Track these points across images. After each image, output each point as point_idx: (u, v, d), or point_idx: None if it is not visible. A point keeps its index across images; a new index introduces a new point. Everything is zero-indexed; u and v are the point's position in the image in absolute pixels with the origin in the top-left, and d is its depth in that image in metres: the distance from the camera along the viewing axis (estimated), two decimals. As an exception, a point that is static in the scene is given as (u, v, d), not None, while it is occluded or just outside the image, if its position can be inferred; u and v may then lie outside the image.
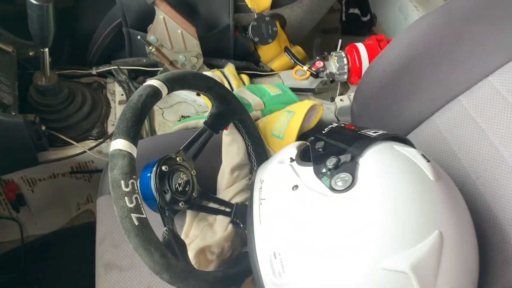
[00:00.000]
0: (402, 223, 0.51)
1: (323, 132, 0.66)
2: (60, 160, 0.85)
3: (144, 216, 0.55)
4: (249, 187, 0.70)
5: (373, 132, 0.62)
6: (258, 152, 0.81)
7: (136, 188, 0.56)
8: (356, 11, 1.55)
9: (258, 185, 0.64)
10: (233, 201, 0.77)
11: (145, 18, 0.92)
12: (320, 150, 0.60)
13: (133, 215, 0.54)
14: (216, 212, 0.74)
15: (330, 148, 0.59)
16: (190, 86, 0.69)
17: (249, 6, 0.99)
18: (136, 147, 0.58)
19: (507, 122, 0.67)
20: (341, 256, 0.51)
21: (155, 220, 0.62)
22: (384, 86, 0.77)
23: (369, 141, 0.59)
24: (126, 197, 0.54)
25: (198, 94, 0.99)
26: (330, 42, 1.15)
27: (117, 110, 0.94)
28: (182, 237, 0.73)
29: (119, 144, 0.56)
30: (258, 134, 0.82)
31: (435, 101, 0.75)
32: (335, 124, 0.69)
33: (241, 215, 0.73)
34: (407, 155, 0.57)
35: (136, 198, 0.55)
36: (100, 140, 0.88)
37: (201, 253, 0.69)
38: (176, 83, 0.66)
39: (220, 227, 0.74)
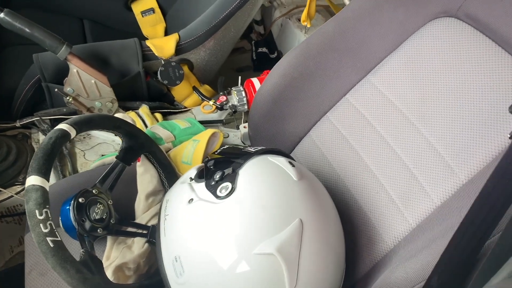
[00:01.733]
0: (269, 215, 0.64)
1: (216, 152, 0.80)
2: (-12, 207, 0.92)
3: (59, 239, 0.65)
4: (162, 209, 0.80)
5: (253, 149, 0.76)
6: (169, 178, 0.92)
7: (49, 216, 0.65)
8: (265, 49, 1.74)
9: (164, 204, 0.75)
10: (149, 224, 0.87)
11: (61, 72, 1.03)
12: (211, 167, 0.73)
13: (48, 239, 0.63)
14: (134, 235, 0.83)
15: (219, 165, 0.73)
16: (98, 127, 0.80)
17: (156, 54, 1.13)
18: (48, 181, 0.68)
19: (361, 130, 0.84)
20: (224, 249, 0.63)
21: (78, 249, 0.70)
22: (266, 112, 0.92)
23: (248, 156, 0.72)
24: (41, 224, 0.64)
25: (116, 134, 1.10)
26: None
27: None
28: (104, 259, 0.82)
29: (32, 180, 0.66)
30: (169, 162, 0.94)
31: (309, 120, 0.91)
32: (226, 146, 0.82)
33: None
34: (276, 163, 0.71)
35: (50, 224, 0.65)
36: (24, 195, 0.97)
37: (119, 270, 0.79)
38: (83, 125, 0.76)
39: (137, 247, 0.83)
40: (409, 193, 0.74)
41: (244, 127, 1.14)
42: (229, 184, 0.67)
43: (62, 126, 0.73)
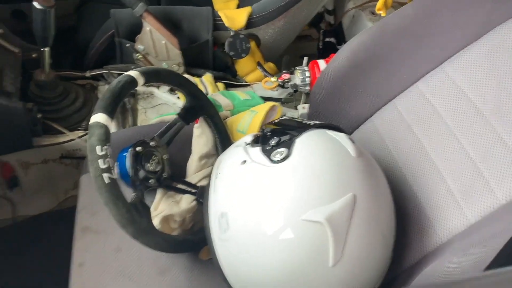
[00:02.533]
0: (321, 185, 0.63)
1: (274, 122, 0.79)
2: (52, 146, 0.97)
3: (115, 177, 0.67)
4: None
5: (312, 122, 0.75)
6: (224, 144, 0.93)
7: (108, 154, 0.67)
8: (332, 39, 1.71)
9: (217, 164, 0.76)
10: (198, 184, 0.88)
11: (134, 30, 1.07)
12: (268, 134, 0.73)
13: (105, 175, 0.66)
14: (183, 191, 0.84)
15: (276, 133, 0.72)
16: (164, 80, 0.82)
17: (226, 25, 1.14)
18: (111, 121, 0.70)
19: (429, 120, 0.80)
20: (271, 211, 0.62)
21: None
22: (331, 92, 0.90)
23: (307, 127, 0.71)
24: (100, 160, 0.66)
25: (178, 97, 1.12)
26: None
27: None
28: (151, 210, 0.84)
29: (97, 117, 0.69)
30: (225, 129, 0.95)
31: (374, 104, 0.88)
32: (285, 117, 0.82)
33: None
34: (335, 137, 0.70)
35: (108, 161, 0.67)
36: (88, 131, 1.01)
37: (165, 221, 0.80)
38: (151, 75, 0.79)
39: (184, 203, 0.85)
40: (471, 188, 0.70)
41: (303, 107, 1.12)
42: (284, 150, 0.66)
43: (132, 72, 0.76)
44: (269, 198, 0.63)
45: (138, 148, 0.79)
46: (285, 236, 0.61)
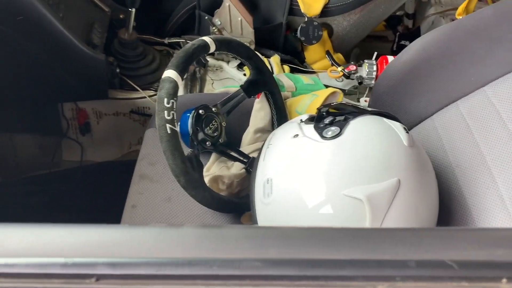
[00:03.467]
0: (368, 164, 0.64)
1: (332, 104, 0.81)
2: (124, 100, 1.06)
3: (176, 129, 0.72)
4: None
5: (370, 109, 0.77)
6: (280, 121, 0.96)
7: (174, 108, 0.73)
8: (407, 43, 1.67)
9: (270, 136, 0.79)
10: (250, 155, 0.92)
11: (214, 5, 1.12)
12: (323, 113, 0.75)
13: (168, 125, 0.71)
14: (235, 159, 0.89)
15: (332, 113, 0.74)
16: (234, 51, 0.86)
17: (302, 10, 1.17)
18: (181, 79, 0.76)
19: (491, 125, 0.78)
20: (315, 183, 0.65)
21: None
22: (395, 84, 0.90)
23: (363, 112, 0.73)
24: (166, 111, 0.72)
25: (244, 74, 1.17)
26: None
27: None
28: (204, 170, 0.89)
29: (169, 73, 0.74)
30: (284, 107, 0.98)
31: (436, 103, 0.87)
32: (344, 102, 0.84)
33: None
34: (390, 124, 0.71)
35: (173, 114, 0.72)
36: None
37: (215, 181, 0.85)
38: (222, 44, 0.83)
39: (234, 169, 0.89)
40: (524, 198, 0.68)
41: (365, 101, 1.13)
42: (337, 129, 0.68)
43: (205, 38, 0.81)
44: (314, 171, 0.66)
45: (200, 111, 0.84)
46: (324, 210, 0.63)
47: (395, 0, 1.23)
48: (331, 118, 0.72)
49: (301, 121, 0.78)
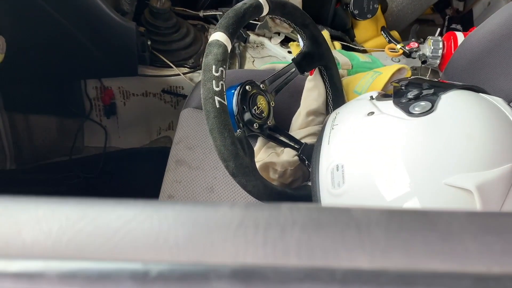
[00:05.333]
0: (475, 147, 0.51)
1: (409, 77, 0.67)
2: (155, 77, 0.93)
3: (225, 103, 0.60)
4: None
5: (458, 83, 0.63)
6: (337, 103, 0.83)
7: (224, 76, 0.60)
8: (459, 27, 1.53)
9: (332, 116, 0.66)
10: (302, 141, 0.79)
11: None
12: (403, 87, 0.61)
13: (216, 98, 0.59)
14: (285, 145, 0.76)
15: (414, 86, 0.60)
16: (288, 15, 0.73)
17: (356, -21, 1.03)
18: (232, 43, 0.63)
19: None
20: (403, 172, 0.51)
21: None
22: (477, 59, 0.76)
23: (454, 85, 0.59)
24: (214, 80, 0.59)
25: (289, 52, 1.03)
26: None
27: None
28: (250, 157, 0.77)
29: (217, 35, 0.62)
30: (341, 85, 0.84)
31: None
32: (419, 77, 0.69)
33: (308, 153, 0.75)
34: (492, 101, 0.57)
35: (222, 84, 0.60)
36: (193, 70, 0.96)
37: (266, 170, 0.73)
38: (277, 6, 0.70)
39: (286, 157, 0.76)
40: None
41: (429, 83, 0.99)
42: (428, 104, 0.55)
43: (259, -2, 0.68)
44: (402, 154, 0.52)
45: (247, 87, 0.72)
46: (413, 205, 0.50)
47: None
48: (416, 91, 0.58)
49: (372, 98, 0.64)
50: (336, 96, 0.83)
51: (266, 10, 0.68)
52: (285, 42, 1.07)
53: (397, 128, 0.55)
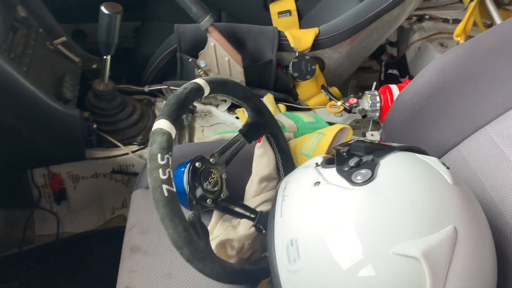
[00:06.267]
0: (417, 213, 0.53)
1: (349, 142, 0.70)
2: (104, 159, 0.92)
3: (174, 190, 0.60)
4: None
5: (395, 144, 0.66)
6: (286, 167, 0.85)
7: (170, 164, 0.61)
8: (395, 72, 1.63)
9: (283, 185, 0.68)
10: (258, 209, 0.79)
11: (197, 45, 1.03)
12: (344, 154, 0.64)
13: (164, 186, 0.59)
14: (241, 216, 0.76)
15: (354, 153, 0.63)
16: (230, 92, 0.76)
17: (292, 45, 1.09)
18: (175, 129, 0.64)
19: (533, 150, 0.69)
20: (355, 241, 0.53)
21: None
22: (412, 114, 0.81)
23: (391, 149, 0.62)
24: (160, 169, 0.60)
25: (237, 117, 1.06)
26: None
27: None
28: (206, 234, 0.76)
29: (161, 123, 0.63)
30: (289, 150, 0.87)
31: (462, 131, 0.78)
32: (360, 138, 0.73)
33: (264, 222, 0.75)
34: (427, 161, 0.60)
35: (169, 172, 0.60)
36: (143, 146, 0.96)
37: (222, 247, 0.72)
38: (218, 86, 0.73)
39: (242, 229, 0.76)
40: None
41: (372, 135, 1.03)
42: (368, 171, 0.57)
43: (199, 80, 0.70)
44: (350, 226, 0.54)
45: (197, 164, 0.72)
46: (368, 273, 0.51)
47: (386, 27, 1.17)
48: (356, 159, 0.60)
49: (317, 164, 0.67)
50: (285, 160, 0.85)
51: (207, 91, 0.71)
52: (232, 107, 1.10)
53: (343, 198, 0.56)
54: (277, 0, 1.49)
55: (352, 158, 0.61)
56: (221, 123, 1.05)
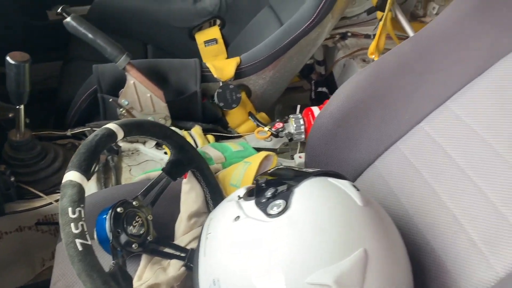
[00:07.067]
0: (328, 240, 0.55)
1: (269, 171, 0.72)
2: (27, 211, 0.88)
3: (89, 243, 0.58)
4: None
5: (311, 169, 0.68)
6: (216, 200, 0.85)
7: (82, 216, 0.59)
8: (325, 89, 1.68)
9: (207, 222, 0.68)
10: (188, 247, 0.79)
11: (118, 84, 1.02)
12: (263, 185, 0.65)
13: (78, 241, 0.57)
14: (171, 256, 0.75)
15: (272, 183, 0.64)
16: (147, 133, 0.75)
17: (215, 75, 1.10)
18: (87, 180, 0.62)
19: (438, 162, 0.73)
20: (271, 274, 0.54)
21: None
22: (328, 138, 0.84)
23: (306, 175, 0.64)
24: (72, 223, 0.58)
25: (165, 153, 1.05)
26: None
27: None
28: (135, 279, 0.74)
29: (70, 175, 0.61)
30: (216, 183, 0.87)
31: (376, 149, 0.82)
32: (280, 165, 0.75)
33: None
34: (338, 185, 0.62)
35: (82, 225, 0.59)
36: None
37: (151, 292, 0.71)
38: (132, 128, 0.72)
39: (172, 270, 0.75)
40: (497, 236, 0.61)
41: (300, 157, 1.06)
42: (282, 202, 0.58)
43: (110, 125, 0.69)
44: (267, 259, 0.55)
45: (118, 209, 0.70)
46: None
47: (305, 51, 1.21)
48: (272, 189, 0.62)
49: (239, 197, 0.67)
50: (213, 194, 0.85)
51: (120, 135, 0.69)
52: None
53: (259, 232, 0.57)
54: (202, 29, 1.52)
55: (269, 189, 0.62)
56: (149, 160, 1.04)
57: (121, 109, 1.01)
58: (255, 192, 0.64)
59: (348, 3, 1.24)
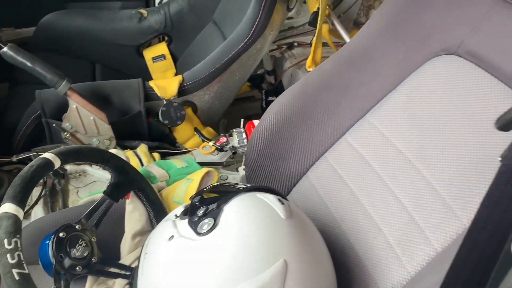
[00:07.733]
0: (250, 254, 0.59)
1: (204, 189, 0.76)
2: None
3: (26, 272, 0.61)
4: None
5: (243, 186, 0.72)
6: (159, 218, 0.87)
7: (19, 247, 0.61)
8: (274, 98, 1.73)
9: (146, 242, 0.71)
10: (133, 265, 0.82)
11: (62, 109, 1.04)
12: (197, 203, 0.69)
13: (14, 270, 0.60)
14: (115, 275, 0.78)
15: (205, 201, 0.68)
16: (85, 159, 0.78)
17: (158, 94, 1.14)
18: (23, 210, 0.65)
19: (360, 171, 0.79)
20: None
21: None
22: (263, 151, 0.89)
23: (236, 192, 0.68)
24: (8, 254, 0.60)
25: (105, 169, 1.08)
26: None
27: (34, 193, 1.01)
28: (80, 300, 0.77)
29: (5, 207, 0.63)
30: (159, 201, 0.90)
31: (307, 160, 0.87)
32: (216, 183, 0.79)
33: (139, 278, 0.78)
34: (264, 200, 0.67)
35: (18, 255, 0.61)
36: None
37: (96, 312, 0.74)
38: (69, 156, 0.74)
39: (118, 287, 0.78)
40: (408, 238, 0.68)
41: (243, 169, 1.10)
42: (211, 220, 0.63)
43: (46, 155, 0.71)
44: (196, 276, 0.59)
45: (61, 234, 0.73)
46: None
47: (247, 65, 1.26)
48: (203, 208, 0.66)
49: (176, 216, 0.71)
50: (157, 212, 0.88)
51: (57, 163, 0.72)
52: (108, 163, 1.11)
53: (189, 250, 0.61)
54: (151, 45, 1.55)
55: (201, 208, 0.66)
56: (96, 181, 1.06)
57: (65, 133, 1.03)
58: (189, 211, 0.68)
59: (286, 15, 1.30)
